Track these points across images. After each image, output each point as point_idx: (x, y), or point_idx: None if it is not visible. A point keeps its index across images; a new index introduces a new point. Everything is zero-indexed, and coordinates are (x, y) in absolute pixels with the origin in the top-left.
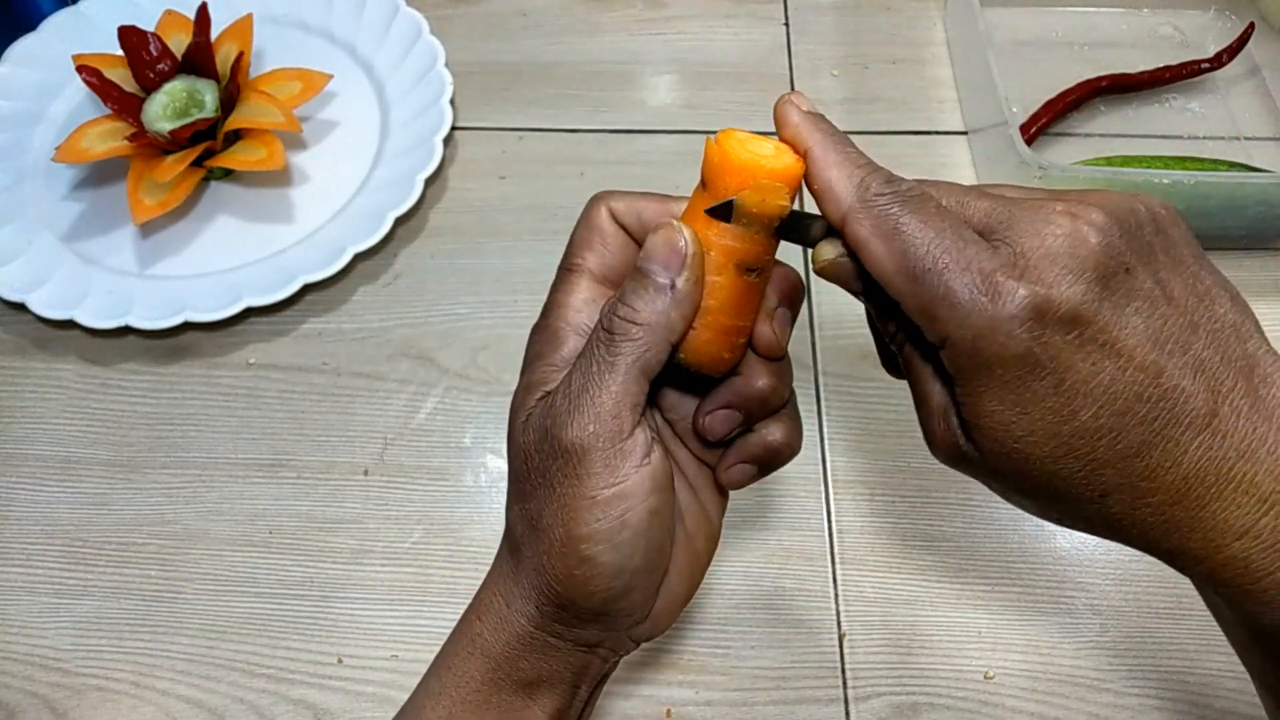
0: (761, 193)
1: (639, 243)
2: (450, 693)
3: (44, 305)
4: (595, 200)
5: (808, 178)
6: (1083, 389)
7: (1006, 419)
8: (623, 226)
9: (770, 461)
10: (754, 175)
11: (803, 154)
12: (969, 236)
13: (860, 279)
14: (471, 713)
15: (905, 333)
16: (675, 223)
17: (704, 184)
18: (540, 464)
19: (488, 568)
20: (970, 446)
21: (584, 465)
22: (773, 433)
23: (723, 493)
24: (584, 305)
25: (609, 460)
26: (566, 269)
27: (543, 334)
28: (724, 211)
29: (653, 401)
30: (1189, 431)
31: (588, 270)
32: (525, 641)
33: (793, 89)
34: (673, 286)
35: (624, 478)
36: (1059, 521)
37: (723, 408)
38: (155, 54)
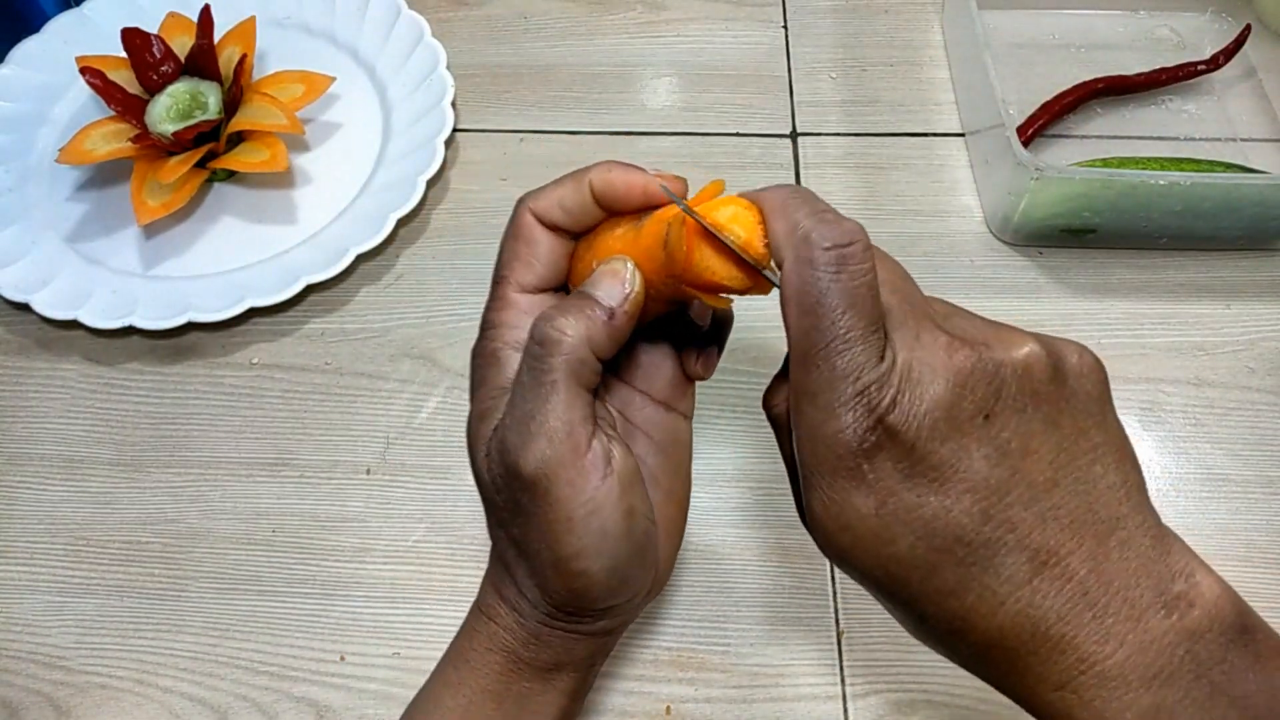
0: (715, 300)
1: (568, 234)
2: (470, 683)
3: (48, 305)
4: (518, 205)
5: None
6: (904, 517)
7: (829, 524)
8: (548, 226)
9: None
10: (714, 288)
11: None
12: (875, 333)
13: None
14: (491, 700)
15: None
16: (627, 262)
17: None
18: (510, 496)
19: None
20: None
21: (552, 492)
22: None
23: (687, 438)
24: (518, 320)
25: (574, 481)
26: (496, 281)
27: (482, 357)
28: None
29: (616, 374)
30: (1007, 585)
31: (516, 282)
32: (544, 638)
33: (791, 91)
34: (611, 316)
35: (593, 494)
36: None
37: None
38: (158, 56)
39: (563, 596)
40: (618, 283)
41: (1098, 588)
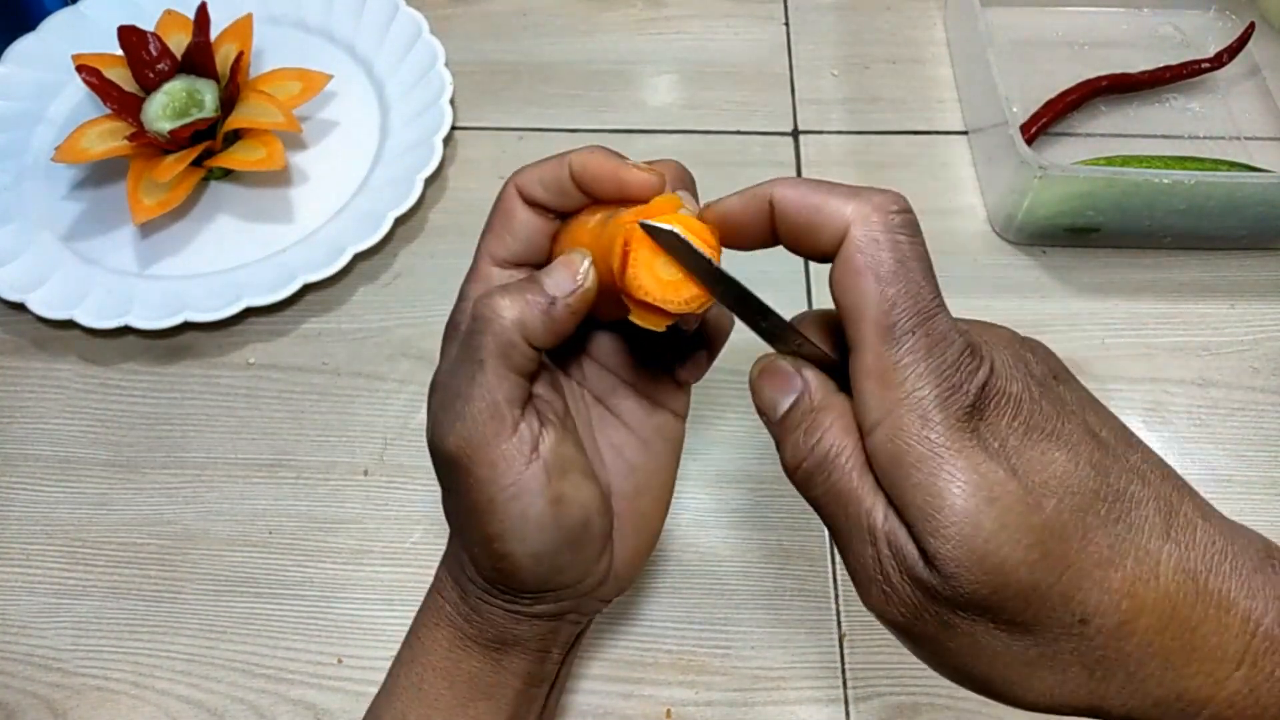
0: (646, 319)
1: (551, 212)
2: (420, 660)
3: (43, 305)
4: (507, 181)
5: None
6: (1038, 476)
7: (973, 509)
8: (529, 201)
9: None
10: (646, 306)
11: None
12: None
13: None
14: (442, 679)
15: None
16: (585, 257)
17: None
18: (443, 471)
19: None
20: (928, 570)
21: (472, 472)
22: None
23: (676, 436)
24: None
25: (495, 463)
26: (475, 253)
27: (449, 328)
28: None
29: (591, 358)
30: (1154, 539)
31: (489, 254)
32: (484, 614)
33: (793, 89)
34: (552, 302)
35: (514, 478)
36: (1035, 694)
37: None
38: (155, 54)
39: (491, 575)
40: (569, 275)
41: (1219, 536)
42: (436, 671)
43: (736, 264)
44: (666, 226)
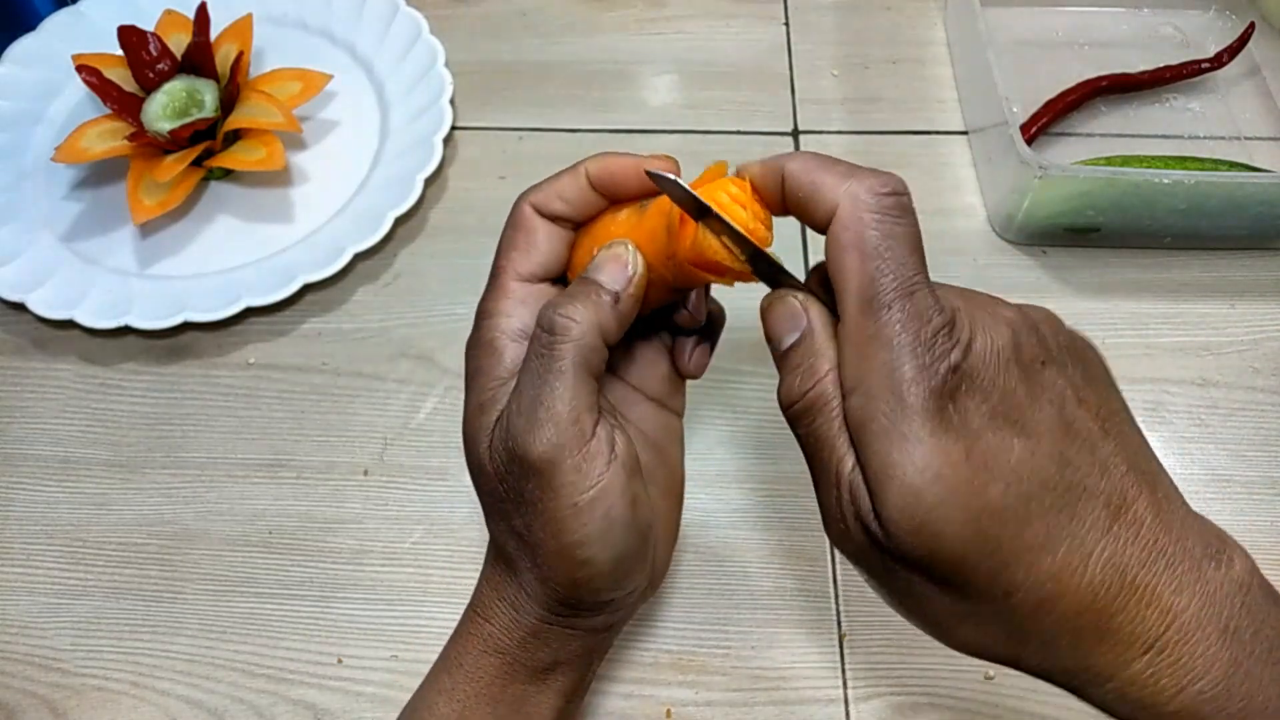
0: (719, 280)
1: (569, 223)
2: (463, 688)
3: (43, 305)
4: (518, 200)
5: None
6: (991, 462)
7: (918, 479)
8: (548, 216)
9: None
10: (717, 268)
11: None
12: (929, 282)
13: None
14: (486, 705)
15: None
16: (628, 244)
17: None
18: (514, 485)
19: None
20: (877, 524)
21: (557, 477)
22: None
23: (680, 435)
24: (515, 309)
25: (580, 466)
26: (494, 272)
27: (479, 348)
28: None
29: (610, 370)
30: (1094, 532)
31: (514, 271)
32: (541, 636)
33: (793, 89)
34: (616, 300)
35: (599, 479)
36: (958, 641)
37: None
38: (155, 54)
39: (565, 588)
40: (620, 266)
41: (1164, 535)
42: (481, 698)
43: None
44: (707, 204)
